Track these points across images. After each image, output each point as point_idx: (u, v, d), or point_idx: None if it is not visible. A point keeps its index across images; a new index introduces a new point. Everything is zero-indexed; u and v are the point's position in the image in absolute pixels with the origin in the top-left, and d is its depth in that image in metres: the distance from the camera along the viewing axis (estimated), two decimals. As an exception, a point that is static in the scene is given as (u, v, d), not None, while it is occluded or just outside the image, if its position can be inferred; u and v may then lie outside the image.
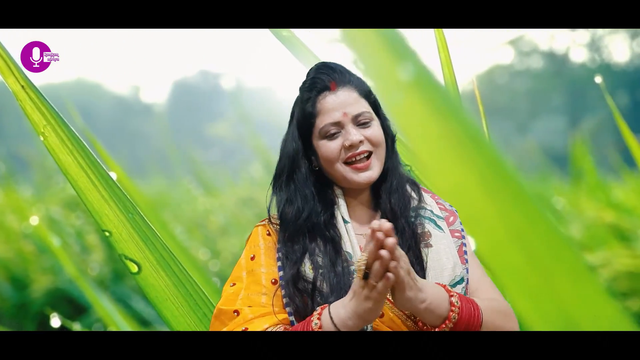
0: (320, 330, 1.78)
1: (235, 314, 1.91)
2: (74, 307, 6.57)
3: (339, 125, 2.01)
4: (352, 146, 1.99)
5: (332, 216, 2.05)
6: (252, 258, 2.02)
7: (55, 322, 3.50)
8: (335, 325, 1.77)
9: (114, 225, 2.10)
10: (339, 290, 1.90)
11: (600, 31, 26.70)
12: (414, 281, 1.78)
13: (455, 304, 1.83)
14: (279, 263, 2.00)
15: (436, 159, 1.30)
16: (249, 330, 1.87)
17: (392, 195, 2.06)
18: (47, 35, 2.50)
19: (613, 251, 6.47)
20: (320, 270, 1.94)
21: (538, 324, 1.29)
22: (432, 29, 2.61)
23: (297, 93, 2.14)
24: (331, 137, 2.01)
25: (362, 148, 2.00)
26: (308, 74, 2.12)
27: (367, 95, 2.09)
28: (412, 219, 2.04)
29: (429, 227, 2.03)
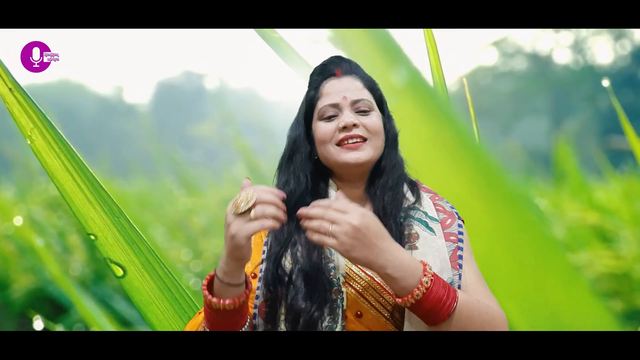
0: (206, 289, 1.78)
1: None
2: (55, 307, 6.56)
3: (336, 107, 2.04)
4: (345, 127, 2.00)
5: None
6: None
7: (38, 324, 3.49)
8: (217, 277, 1.77)
9: (100, 229, 2.11)
10: (314, 286, 1.89)
11: (583, 33, 26.81)
12: (364, 244, 1.75)
13: (425, 283, 1.77)
14: (268, 241, 2.01)
15: (427, 162, 1.30)
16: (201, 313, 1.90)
17: (386, 193, 2.05)
18: (47, 35, 2.49)
19: (595, 252, 6.49)
20: (298, 265, 1.94)
21: (525, 324, 1.29)
22: (422, 30, 2.62)
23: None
24: (328, 119, 2.04)
25: (355, 131, 2.00)
26: (321, 62, 2.17)
27: (372, 88, 2.11)
28: (402, 219, 2.02)
29: (417, 228, 2.00)
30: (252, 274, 1.93)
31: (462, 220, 2.11)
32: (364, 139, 2.01)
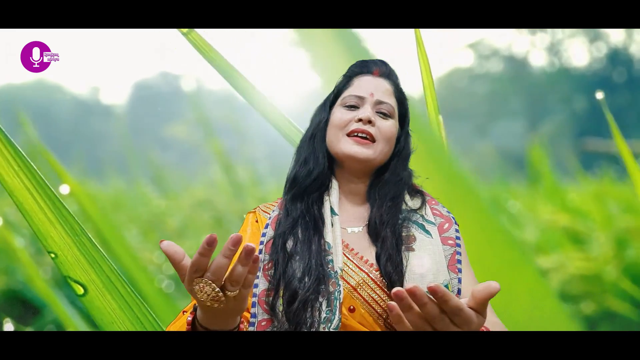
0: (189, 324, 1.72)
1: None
2: (27, 308, 6.53)
3: (361, 99, 2.09)
4: (361, 120, 2.04)
5: (321, 199, 2.09)
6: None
7: (9, 327, 3.49)
8: (202, 327, 1.70)
9: (59, 248, 2.10)
10: (310, 276, 1.91)
11: (559, 35, 26.86)
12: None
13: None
14: (278, 219, 2.05)
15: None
16: (185, 312, 1.90)
17: (386, 203, 2.07)
18: (47, 35, 2.49)
19: (567, 254, 6.51)
20: (297, 256, 1.96)
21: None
22: (412, 30, 2.63)
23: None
24: (349, 107, 2.09)
25: (369, 128, 2.04)
26: (365, 60, 2.21)
27: (400, 100, 2.16)
28: (400, 221, 2.04)
29: (415, 231, 2.02)
30: None
31: (457, 224, 2.12)
32: (373, 140, 2.04)
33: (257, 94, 2.53)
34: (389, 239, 1.99)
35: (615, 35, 25.72)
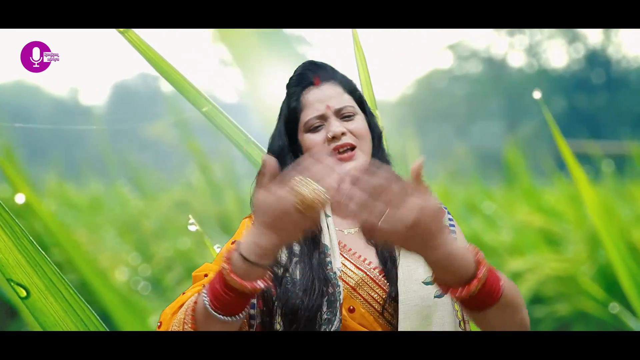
0: (227, 263, 1.69)
1: (205, 277, 1.93)
2: (5, 311, 6.50)
3: (322, 118, 2.07)
4: (334, 137, 2.04)
5: None
6: (233, 243, 1.94)
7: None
8: (245, 259, 1.68)
9: (0, 251, 2.10)
10: (311, 279, 1.92)
11: (538, 36, 26.89)
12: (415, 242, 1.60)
13: (482, 260, 1.65)
14: None
15: None
16: (185, 293, 1.91)
17: None
18: (47, 35, 2.49)
19: (542, 255, 6.54)
20: (295, 259, 1.97)
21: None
22: (350, 30, 2.64)
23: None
24: (315, 130, 2.08)
25: (345, 140, 2.05)
26: (295, 71, 2.18)
27: (352, 91, 2.15)
28: None
29: None
30: None
31: (450, 213, 2.14)
32: (354, 147, 2.05)
33: (195, 91, 2.53)
34: None
35: (593, 37, 25.78)
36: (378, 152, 2.15)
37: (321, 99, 2.11)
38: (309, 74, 2.15)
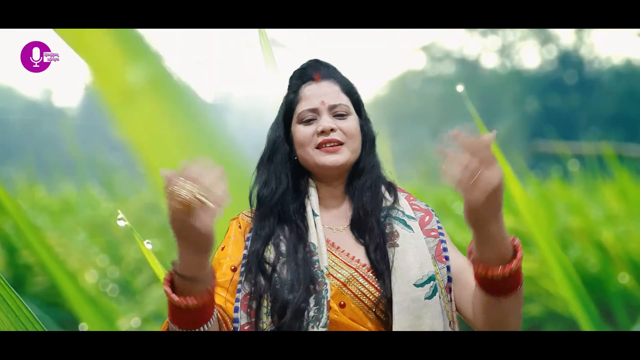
0: (169, 286, 1.82)
1: None
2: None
3: (315, 112, 2.15)
4: (323, 132, 2.11)
5: (303, 206, 2.15)
6: (222, 249, 2.14)
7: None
8: (177, 274, 1.81)
9: None
10: (297, 277, 1.98)
11: (511, 37, 27.00)
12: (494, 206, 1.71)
13: (519, 245, 1.83)
14: (250, 237, 2.11)
15: (174, 164, 1.29)
16: None
17: (365, 193, 2.15)
18: (47, 35, 2.49)
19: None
20: (282, 258, 2.04)
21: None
22: (257, 30, 2.65)
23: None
24: (307, 122, 2.15)
25: (333, 136, 2.12)
26: (300, 66, 2.28)
27: (350, 92, 2.24)
28: (383, 219, 2.13)
29: (397, 227, 2.11)
30: (233, 267, 2.07)
31: (437, 217, 2.25)
32: (341, 143, 2.12)
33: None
34: (375, 228, 2.10)
35: (566, 38, 25.91)
36: (369, 156, 2.20)
37: (317, 94, 2.18)
38: (311, 70, 2.23)
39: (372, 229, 2.13)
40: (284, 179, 2.18)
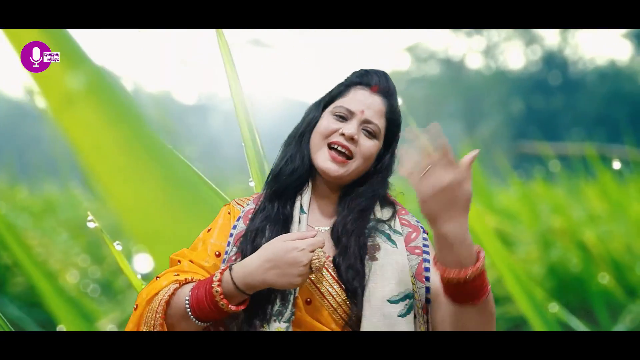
0: (219, 286, 1.85)
1: (179, 263, 2.04)
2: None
3: (351, 114, 2.11)
4: (344, 135, 2.06)
5: (294, 201, 2.13)
6: (209, 230, 2.11)
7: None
8: (236, 285, 1.85)
9: None
10: None
11: (495, 38, 27.13)
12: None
13: (482, 257, 1.80)
14: (253, 213, 2.11)
15: (112, 169, 1.28)
16: (160, 277, 1.99)
17: (352, 213, 2.10)
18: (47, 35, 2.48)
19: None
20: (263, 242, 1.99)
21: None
22: (214, 30, 2.64)
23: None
24: (337, 117, 2.11)
25: (349, 144, 2.08)
26: (367, 69, 2.23)
27: (391, 121, 2.17)
28: (367, 231, 2.07)
29: (380, 241, 2.06)
30: (217, 253, 2.05)
31: (427, 233, 2.14)
32: (350, 157, 2.08)
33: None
34: (351, 248, 2.02)
35: (550, 39, 26.04)
36: (374, 186, 2.17)
37: (364, 102, 2.14)
38: (374, 79, 2.18)
39: (347, 248, 2.09)
40: (306, 160, 2.16)
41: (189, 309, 1.87)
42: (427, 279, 2.02)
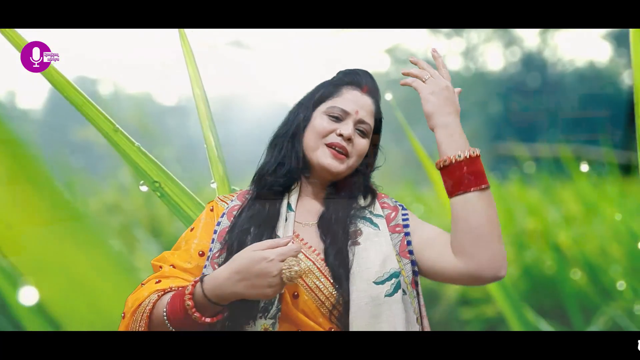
0: (190, 299, 1.90)
1: (160, 269, 2.11)
2: None
3: (346, 114, 2.25)
4: (342, 135, 2.20)
5: (281, 200, 2.23)
6: (192, 230, 2.19)
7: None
8: (207, 297, 1.90)
9: None
10: None
11: (475, 39, 27.05)
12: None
13: (475, 150, 2.19)
14: (221, 221, 2.17)
15: None
16: (144, 285, 2.06)
17: (340, 201, 2.23)
18: (47, 35, 2.49)
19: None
20: (249, 237, 2.10)
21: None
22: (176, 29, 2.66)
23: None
24: (332, 118, 2.24)
25: (346, 145, 2.22)
26: (354, 69, 2.42)
27: (378, 120, 2.37)
28: (349, 219, 2.21)
29: (362, 225, 2.17)
30: (200, 252, 2.12)
31: (406, 209, 2.30)
32: (346, 155, 2.22)
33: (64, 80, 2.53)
34: (339, 234, 2.13)
35: (530, 40, 26.05)
36: (363, 177, 2.24)
37: (357, 102, 2.30)
38: (363, 80, 2.36)
39: (335, 234, 2.17)
40: (299, 162, 2.27)
41: (167, 322, 1.90)
42: (411, 252, 2.09)
